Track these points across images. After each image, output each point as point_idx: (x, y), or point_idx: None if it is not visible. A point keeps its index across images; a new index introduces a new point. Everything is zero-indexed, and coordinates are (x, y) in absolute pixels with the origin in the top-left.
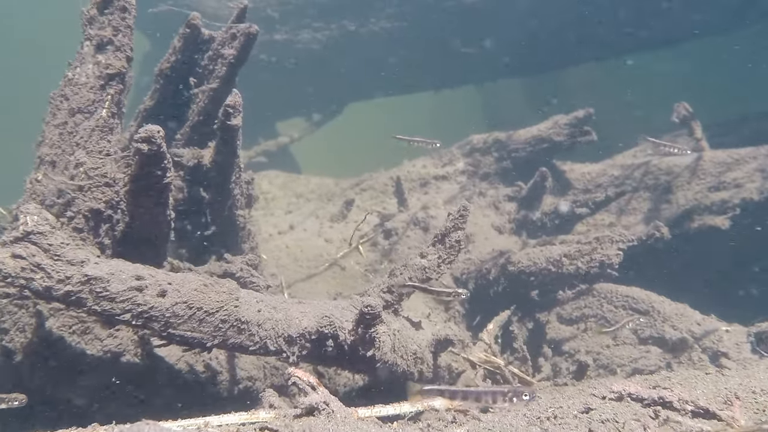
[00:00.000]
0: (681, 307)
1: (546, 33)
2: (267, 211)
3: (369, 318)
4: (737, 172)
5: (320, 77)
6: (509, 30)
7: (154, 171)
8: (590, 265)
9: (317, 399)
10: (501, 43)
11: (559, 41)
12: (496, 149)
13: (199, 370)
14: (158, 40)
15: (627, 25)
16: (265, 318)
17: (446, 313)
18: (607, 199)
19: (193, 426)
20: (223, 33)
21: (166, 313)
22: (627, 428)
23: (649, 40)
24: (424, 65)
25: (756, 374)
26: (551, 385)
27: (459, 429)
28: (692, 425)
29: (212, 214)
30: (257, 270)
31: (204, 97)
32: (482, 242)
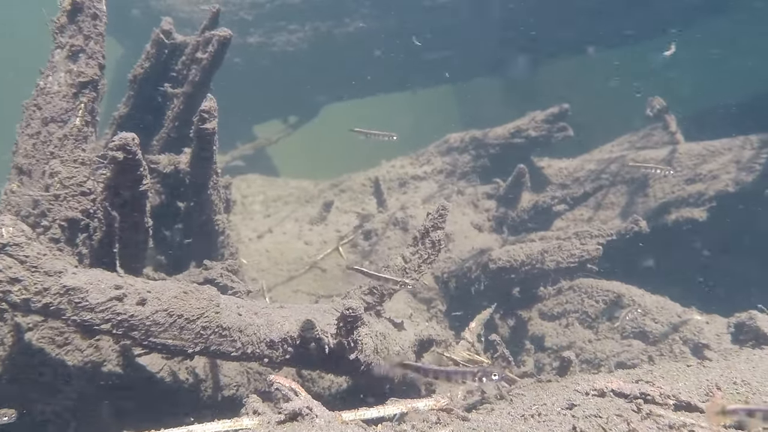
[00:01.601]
0: (661, 299)
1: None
2: (246, 216)
3: (350, 320)
4: (713, 163)
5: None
6: (485, 27)
7: (130, 179)
8: (570, 260)
9: (300, 404)
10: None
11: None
12: (473, 147)
13: (181, 377)
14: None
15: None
16: (247, 323)
17: (428, 312)
18: (585, 195)
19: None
20: (197, 38)
21: (147, 321)
22: (610, 423)
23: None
24: (399, 65)
25: (736, 365)
26: (535, 382)
27: (443, 429)
28: (674, 418)
29: (190, 220)
30: (237, 275)
31: (179, 103)
32: (462, 241)
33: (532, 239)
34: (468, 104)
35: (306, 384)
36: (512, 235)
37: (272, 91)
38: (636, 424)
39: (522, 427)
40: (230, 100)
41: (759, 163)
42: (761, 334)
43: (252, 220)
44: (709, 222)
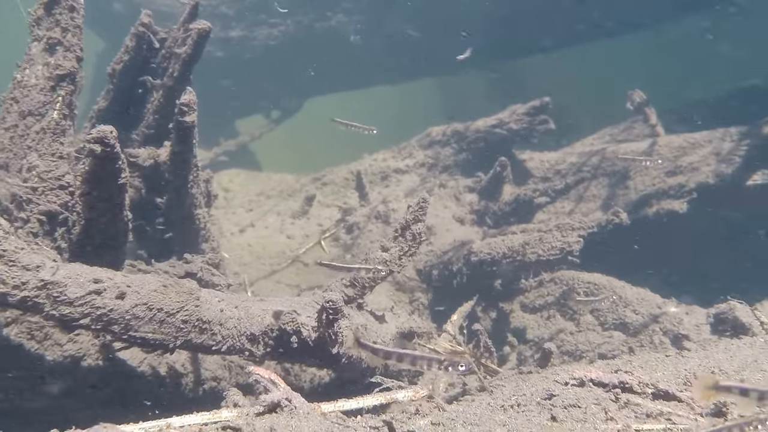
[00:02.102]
0: (642, 291)
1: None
2: (228, 210)
3: (331, 313)
4: (693, 156)
5: (278, 73)
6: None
7: (108, 172)
8: (551, 252)
9: (279, 396)
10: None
11: (518, 30)
12: (455, 140)
13: (162, 372)
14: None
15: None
16: (227, 317)
17: (410, 305)
18: (567, 187)
19: (154, 428)
20: (176, 31)
21: (126, 315)
22: (589, 413)
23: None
24: (381, 59)
25: (714, 354)
26: (516, 373)
27: (422, 420)
28: (652, 407)
29: (171, 214)
30: (219, 269)
31: (159, 96)
32: (444, 234)
33: (513, 231)
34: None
35: (288, 377)
36: (494, 227)
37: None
38: (614, 413)
39: (501, 417)
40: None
41: (738, 155)
42: (739, 324)
43: (234, 215)
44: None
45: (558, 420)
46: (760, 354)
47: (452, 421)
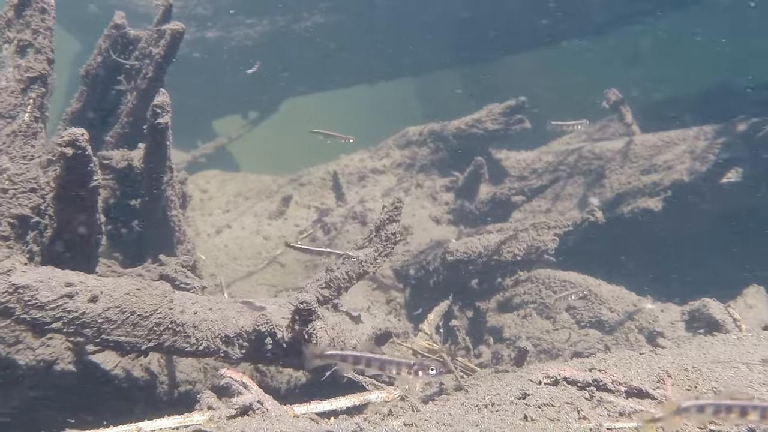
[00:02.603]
0: (617, 289)
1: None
2: (205, 211)
3: (305, 314)
4: (668, 154)
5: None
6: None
7: (80, 174)
8: (527, 251)
9: (251, 399)
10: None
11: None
12: (431, 140)
13: (136, 375)
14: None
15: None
16: (201, 319)
17: (387, 305)
18: (542, 186)
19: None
20: (150, 32)
21: (99, 318)
22: (562, 412)
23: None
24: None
25: (688, 352)
26: (492, 372)
27: (396, 421)
28: (624, 405)
29: (145, 216)
30: (194, 271)
31: (133, 98)
32: (420, 233)
33: (489, 231)
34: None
35: (264, 379)
36: (470, 227)
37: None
38: (587, 412)
39: (475, 417)
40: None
41: (713, 153)
42: (713, 321)
43: (211, 216)
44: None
45: (531, 419)
46: (733, 351)
47: (425, 421)
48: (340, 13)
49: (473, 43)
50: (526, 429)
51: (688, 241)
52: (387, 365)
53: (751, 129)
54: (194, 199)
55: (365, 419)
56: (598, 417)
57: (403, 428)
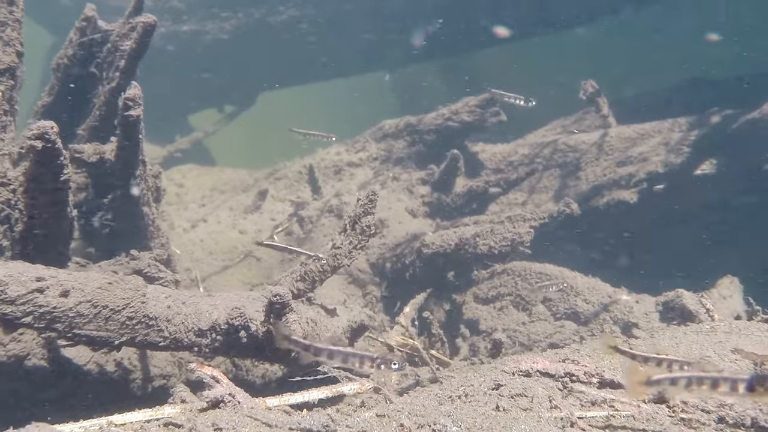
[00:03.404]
0: (592, 281)
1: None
2: (181, 206)
3: (278, 307)
4: (643, 146)
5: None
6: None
7: (50, 168)
8: (502, 243)
9: (222, 391)
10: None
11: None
12: (408, 133)
13: (109, 369)
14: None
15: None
16: (174, 313)
17: (363, 298)
18: (518, 179)
19: (95, 426)
20: (121, 25)
21: (70, 313)
22: (535, 402)
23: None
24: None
25: (660, 342)
26: (468, 365)
27: (368, 412)
28: (596, 395)
29: (118, 210)
30: (168, 265)
31: (104, 91)
32: (396, 226)
33: (465, 223)
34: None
35: (239, 373)
36: (447, 219)
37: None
38: (559, 402)
39: (447, 408)
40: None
41: (687, 145)
42: (687, 311)
43: (186, 210)
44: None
45: (503, 409)
46: (705, 341)
47: (398, 412)
48: (315, 6)
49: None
50: (498, 419)
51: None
52: (350, 358)
53: (725, 121)
54: (170, 194)
55: (338, 411)
56: (570, 406)
57: (375, 419)
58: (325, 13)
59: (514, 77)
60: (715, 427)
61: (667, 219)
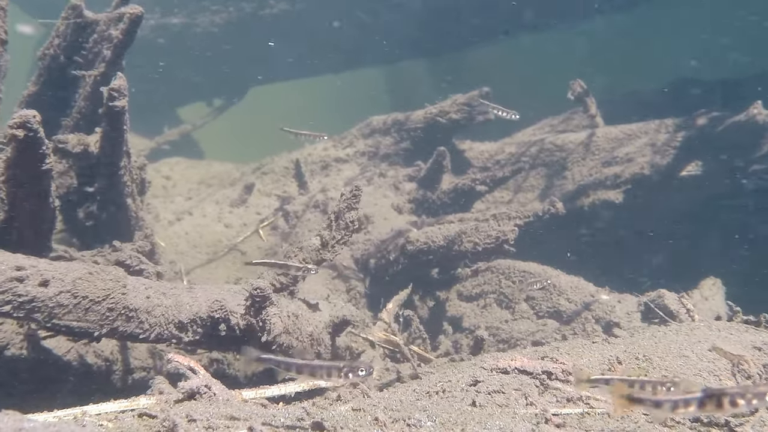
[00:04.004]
0: (575, 280)
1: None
2: (167, 198)
3: (259, 301)
4: (629, 147)
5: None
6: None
7: (31, 157)
8: (487, 241)
9: (198, 383)
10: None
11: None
12: (395, 130)
13: (89, 361)
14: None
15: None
16: (155, 305)
17: (347, 294)
18: (504, 177)
19: (69, 415)
20: (108, 15)
21: (50, 303)
22: (511, 398)
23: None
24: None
25: (640, 341)
26: (448, 361)
27: (344, 406)
28: (572, 392)
29: (102, 201)
30: (152, 257)
31: (90, 81)
32: (382, 223)
33: (450, 221)
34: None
35: (221, 367)
36: (432, 217)
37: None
38: (535, 398)
39: (424, 403)
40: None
41: (673, 147)
42: (668, 311)
43: (173, 203)
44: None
45: (479, 405)
46: (684, 341)
47: (374, 407)
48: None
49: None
50: (473, 414)
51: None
52: (317, 370)
53: (711, 123)
54: (157, 186)
55: (314, 404)
56: (546, 403)
57: (351, 413)
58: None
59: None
60: (690, 426)
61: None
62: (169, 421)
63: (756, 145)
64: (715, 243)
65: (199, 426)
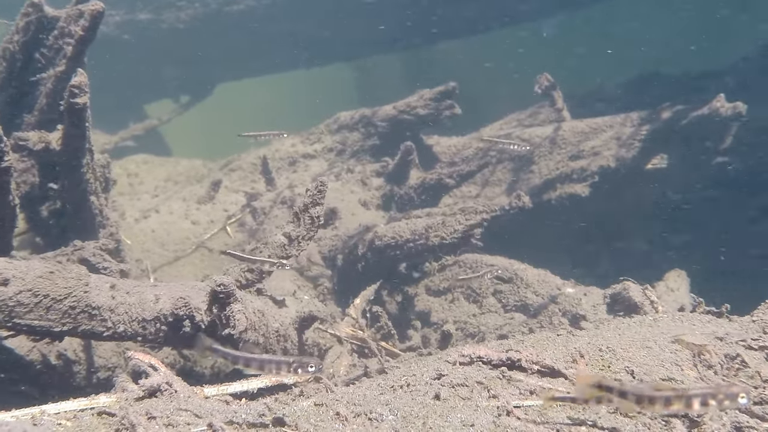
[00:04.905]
0: (542, 273)
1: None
2: (133, 196)
3: (222, 297)
4: (595, 140)
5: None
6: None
7: None
8: (454, 236)
9: (159, 380)
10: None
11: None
12: (363, 125)
13: (52, 360)
14: None
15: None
16: (118, 303)
17: (315, 290)
18: (472, 172)
19: (27, 415)
20: (69, 11)
21: (10, 302)
22: (474, 391)
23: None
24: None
25: (604, 333)
26: (415, 356)
27: (306, 401)
28: (534, 384)
29: (64, 200)
30: (118, 255)
31: (52, 78)
32: (349, 218)
33: (418, 215)
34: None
35: (187, 364)
36: (400, 212)
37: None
38: (498, 391)
39: (387, 397)
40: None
41: (638, 140)
42: (632, 304)
43: (139, 201)
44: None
45: (442, 399)
46: (648, 332)
47: (336, 402)
48: None
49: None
50: (435, 408)
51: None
52: (266, 365)
53: (675, 116)
54: (123, 184)
55: (276, 400)
56: (509, 396)
57: (313, 408)
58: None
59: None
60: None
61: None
62: (128, 420)
63: (719, 137)
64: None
65: (159, 423)
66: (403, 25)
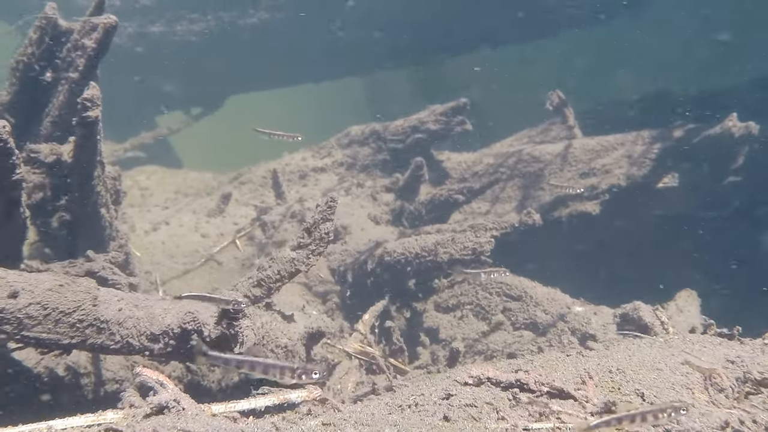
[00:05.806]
0: (552, 291)
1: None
2: (143, 208)
3: (232, 313)
4: (606, 158)
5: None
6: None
7: (1, 167)
8: (463, 252)
9: (167, 397)
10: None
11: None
12: (373, 140)
13: (60, 373)
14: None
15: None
16: (127, 316)
17: (324, 305)
18: (482, 188)
19: (34, 430)
20: (82, 24)
21: (19, 314)
22: (483, 412)
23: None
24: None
25: (614, 354)
26: (424, 373)
27: (314, 420)
28: (544, 406)
29: (75, 212)
30: (127, 268)
31: (64, 91)
32: (359, 233)
33: (428, 232)
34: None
35: (195, 378)
36: (410, 228)
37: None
38: (506, 413)
39: (395, 417)
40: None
41: (649, 158)
42: (643, 324)
43: (150, 213)
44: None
45: (450, 420)
46: (658, 354)
47: (344, 421)
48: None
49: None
50: (444, 429)
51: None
52: (270, 369)
53: (687, 135)
54: (133, 196)
55: (283, 418)
56: (518, 418)
57: (321, 428)
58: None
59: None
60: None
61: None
62: None
63: (731, 157)
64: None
65: None
66: (414, 40)
